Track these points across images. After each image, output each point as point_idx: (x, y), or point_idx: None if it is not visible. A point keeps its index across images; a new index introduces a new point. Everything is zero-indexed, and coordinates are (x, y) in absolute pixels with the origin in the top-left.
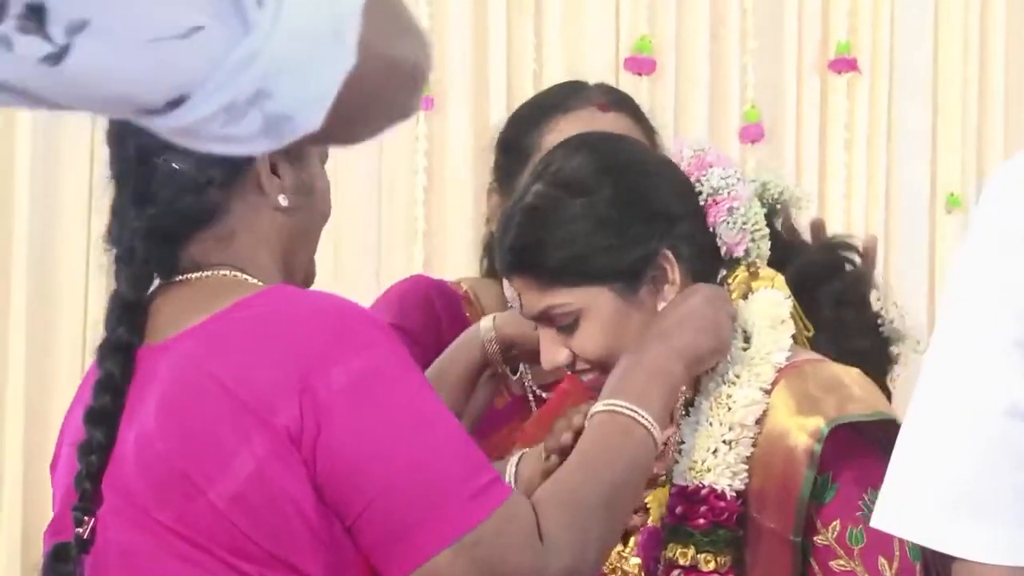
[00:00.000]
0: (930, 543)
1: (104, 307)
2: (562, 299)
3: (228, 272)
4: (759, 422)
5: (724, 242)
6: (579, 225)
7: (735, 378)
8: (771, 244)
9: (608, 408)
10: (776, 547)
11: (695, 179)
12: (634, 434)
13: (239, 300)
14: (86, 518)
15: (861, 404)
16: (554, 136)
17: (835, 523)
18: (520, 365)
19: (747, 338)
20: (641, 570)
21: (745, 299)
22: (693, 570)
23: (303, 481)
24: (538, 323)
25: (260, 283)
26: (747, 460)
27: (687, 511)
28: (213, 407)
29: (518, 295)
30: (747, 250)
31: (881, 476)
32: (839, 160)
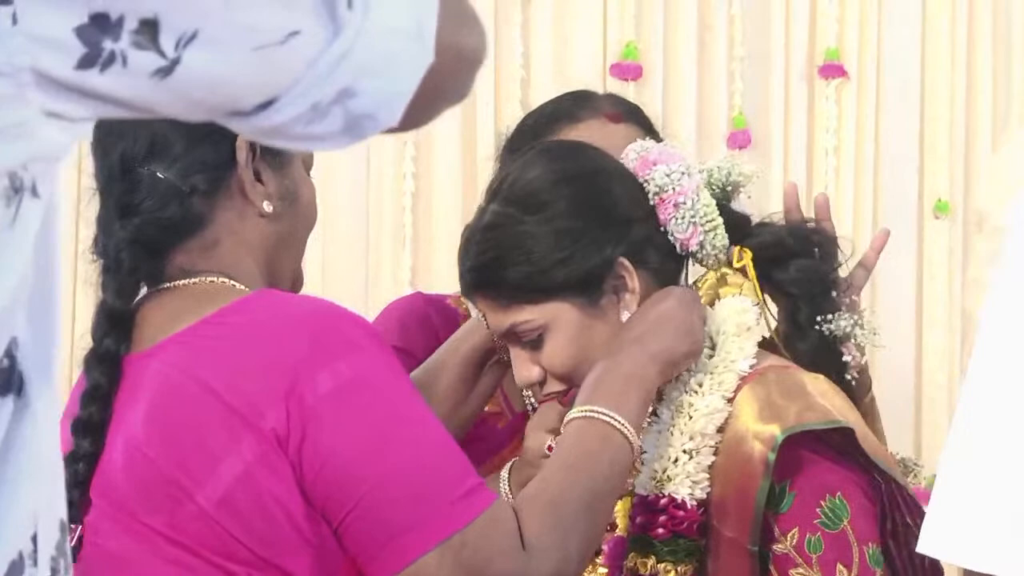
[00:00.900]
0: (985, 567)
1: (91, 318)
2: (524, 316)
3: (215, 278)
4: (721, 430)
5: (676, 239)
6: (534, 242)
7: (697, 387)
8: (732, 229)
9: (585, 414)
10: (735, 556)
11: (642, 179)
12: (612, 440)
13: (225, 306)
14: (72, 526)
15: (819, 412)
16: None
17: (794, 531)
18: None
19: (713, 345)
20: None
21: (712, 306)
22: None
23: (290, 484)
24: (507, 341)
25: (246, 288)
26: (709, 469)
27: (647, 521)
28: (201, 412)
29: (483, 315)
30: (701, 243)
31: (839, 483)
32: (827, 166)
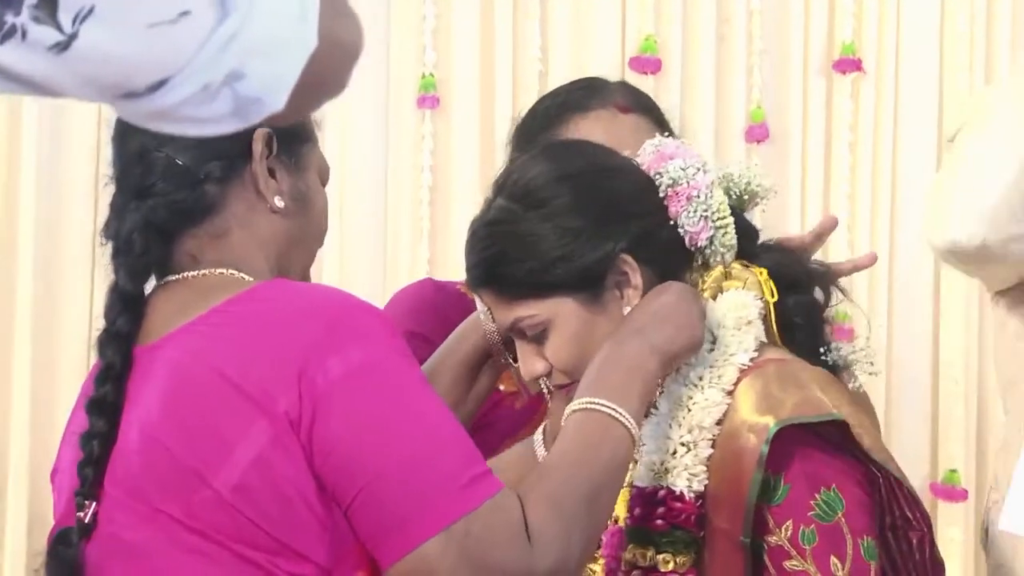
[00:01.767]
0: None
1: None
2: (528, 311)
3: (224, 271)
4: (720, 422)
5: (687, 231)
6: (536, 237)
7: (697, 380)
8: (741, 237)
9: (586, 406)
10: (729, 548)
11: (655, 173)
12: (613, 432)
13: (234, 296)
14: (87, 502)
15: (814, 406)
16: (571, 136)
17: (788, 523)
18: None
19: (713, 339)
20: (604, 570)
21: (715, 299)
22: (652, 571)
23: (303, 467)
24: (512, 335)
25: (254, 281)
26: (707, 461)
27: (645, 513)
28: (215, 399)
29: (489, 309)
30: (711, 238)
31: (833, 476)
32: (844, 161)
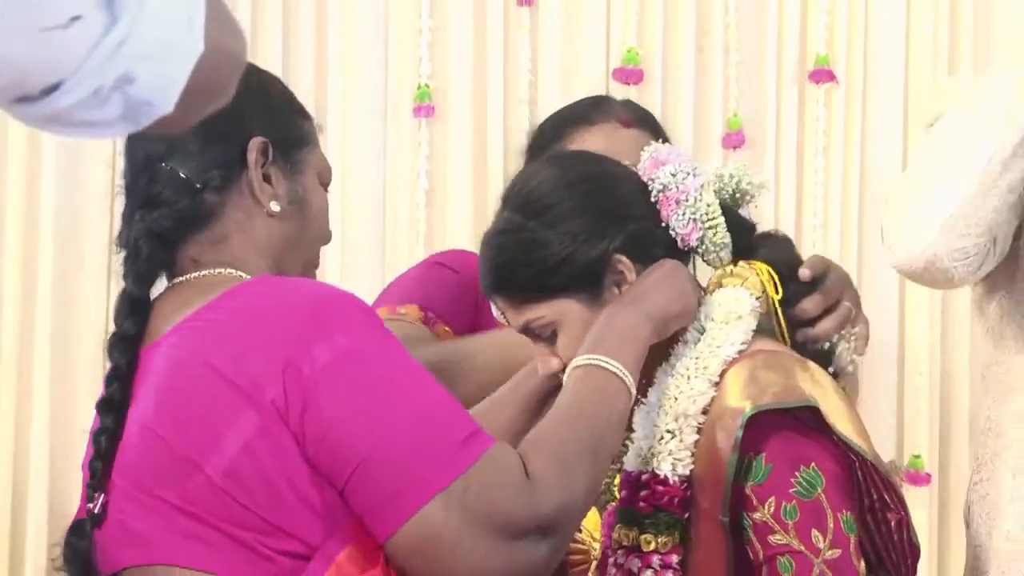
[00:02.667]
0: None
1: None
2: (536, 314)
3: (223, 270)
4: (707, 410)
5: (678, 233)
6: (539, 244)
7: (684, 370)
8: (734, 233)
9: (586, 363)
10: (710, 526)
11: (647, 178)
12: (612, 385)
13: (225, 291)
14: (96, 494)
15: (792, 393)
16: (577, 147)
17: (770, 500)
18: None
19: (703, 331)
20: (601, 547)
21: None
22: (635, 550)
23: (292, 453)
24: (526, 336)
25: (250, 277)
26: (693, 447)
27: (631, 495)
28: (206, 390)
29: (502, 313)
30: (701, 239)
31: (812, 455)
32: (817, 165)
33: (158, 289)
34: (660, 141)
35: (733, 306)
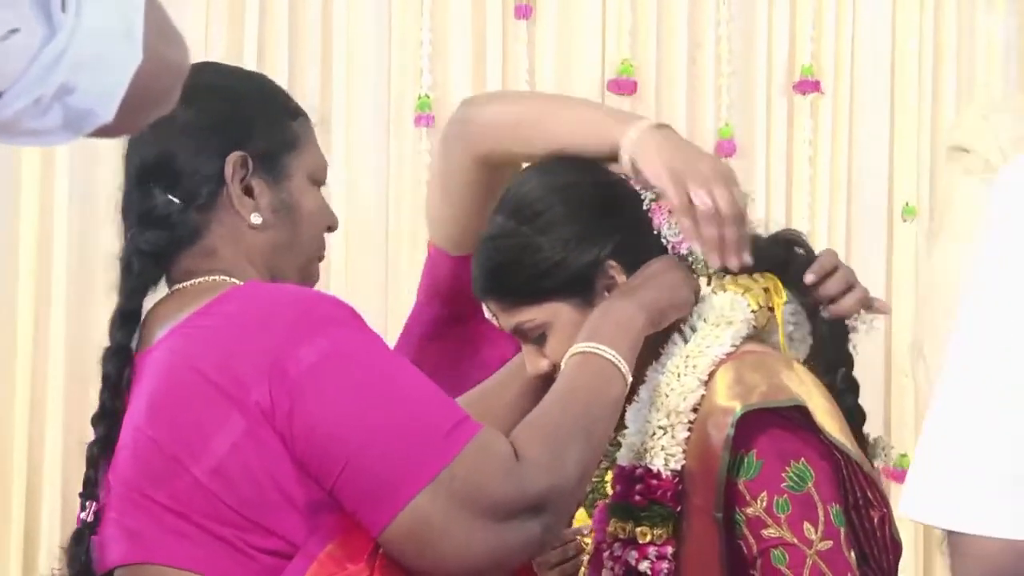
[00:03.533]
0: (961, 527)
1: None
2: (527, 316)
3: (216, 277)
4: (697, 408)
5: (669, 242)
6: (531, 249)
7: (674, 368)
8: None
9: (582, 350)
10: (704, 522)
11: (642, 186)
12: (606, 372)
13: (216, 297)
14: (88, 503)
15: (782, 392)
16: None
17: (763, 495)
18: None
19: (695, 331)
20: (594, 543)
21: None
22: (631, 543)
23: (278, 454)
24: (517, 337)
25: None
26: (684, 443)
27: (625, 490)
28: (194, 394)
29: (494, 315)
30: (691, 249)
31: (801, 450)
32: (804, 173)
33: (159, 294)
34: None
35: (727, 311)
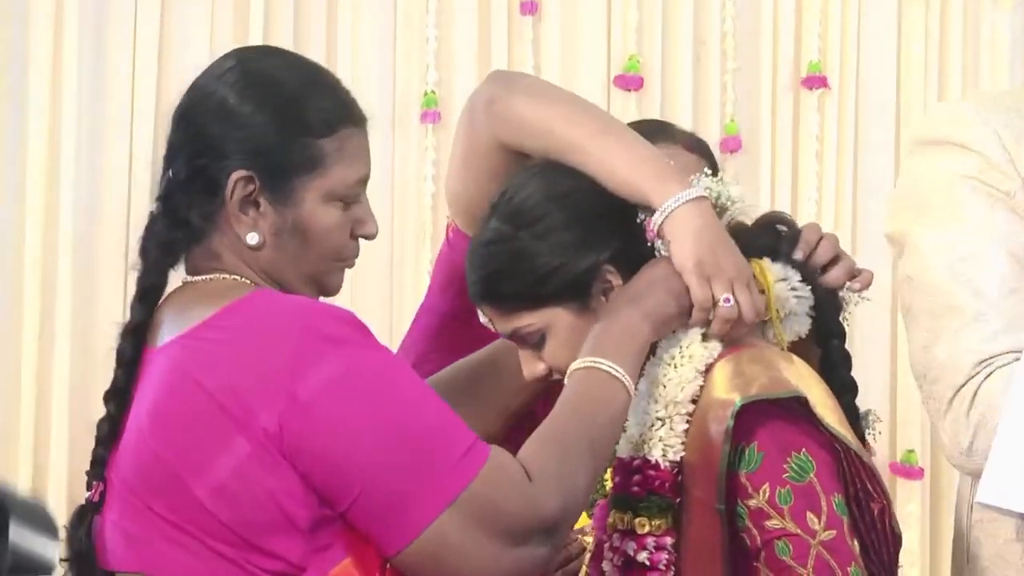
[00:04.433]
0: None
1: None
2: (524, 321)
3: (227, 276)
4: (696, 401)
5: (660, 252)
6: (529, 255)
7: (670, 359)
8: None
9: (586, 365)
10: (705, 515)
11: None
12: (611, 386)
13: (222, 308)
14: (96, 483)
15: (780, 384)
16: None
17: (765, 487)
18: None
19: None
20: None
21: None
22: (631, 533)
23: (284, 478)
24: (513, 342)
25: (254, 286)
26: (683, 434)
27: (624, 481)
28: (198, 412)
29: (490, 320)
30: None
31: (802, 441)
32: (811, 169)
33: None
34: (713, 170)
35: None
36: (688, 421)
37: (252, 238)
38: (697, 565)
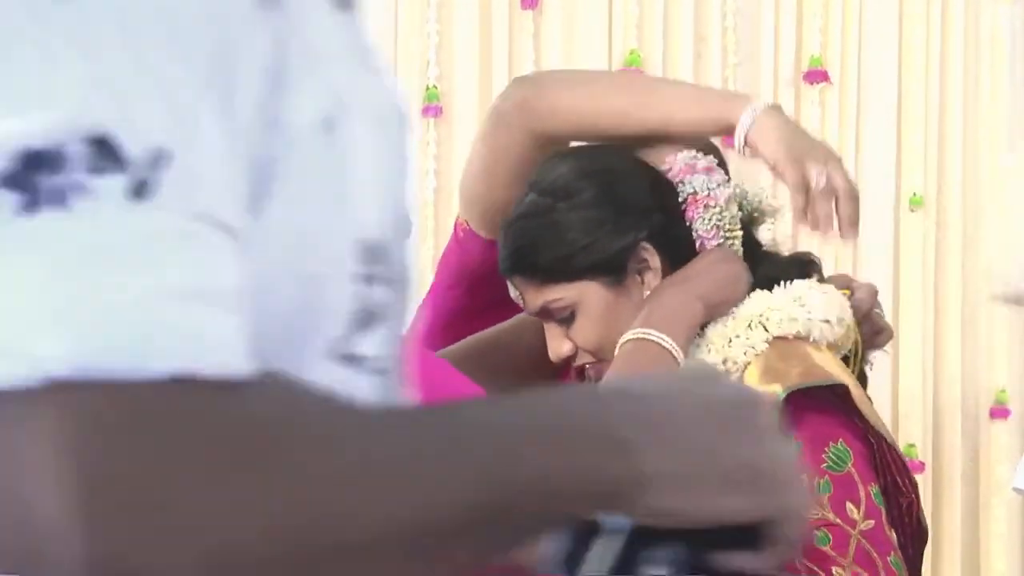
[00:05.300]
0: None
1: None
2: (557, 295)
3: None
4: None
5: (699, 235)
6: (565, 226)
7: (720, 340)
8: (746, 248)
9: (637, 336)
10: None
11: (680, 180)
12: (662, 358)
13: None
14: None
15: (817, 374)
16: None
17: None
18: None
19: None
20: None
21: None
22: None
23: None
24: (541, 318)
25: None
26: None
27: None
28: None
29: (520, 294)
30: (719, 244)
31: (839, 432)
32: None
33: None
34: (719, 165)
35: (837, 308)
36: None
37: None
38: None
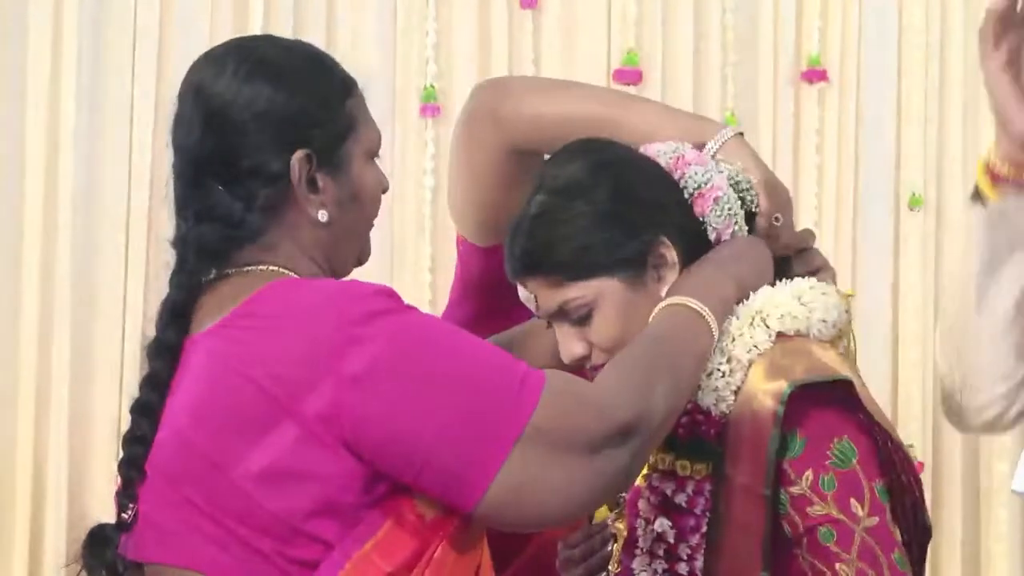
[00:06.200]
0: None
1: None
2: (574, 293)
3: (267, 267)
4: (736, 391)
5: (715, 229)
6: (581, 223)
7: (748, 317)
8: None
9: (672, 303)
10: (749, 501)
11: (679, 175)
12: (698, 324)
13: (257, 292)
14: (131, 505)
15: (822, 369)
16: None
17: (807, 473)
18: None
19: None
20: (627, 527)
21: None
22: (671, 474)
23: (335, 461)
24: (554, 320)
25: (288, 273)
26: (735, 393)
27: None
28: (243, 403)
29: (534, 296)
30: (732, 233)
31: (844, 428)
32: (811, 162)
33: None
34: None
35: (832, 307)
36: (728, 408)
37: (323, 215)
38: (735, 555)
